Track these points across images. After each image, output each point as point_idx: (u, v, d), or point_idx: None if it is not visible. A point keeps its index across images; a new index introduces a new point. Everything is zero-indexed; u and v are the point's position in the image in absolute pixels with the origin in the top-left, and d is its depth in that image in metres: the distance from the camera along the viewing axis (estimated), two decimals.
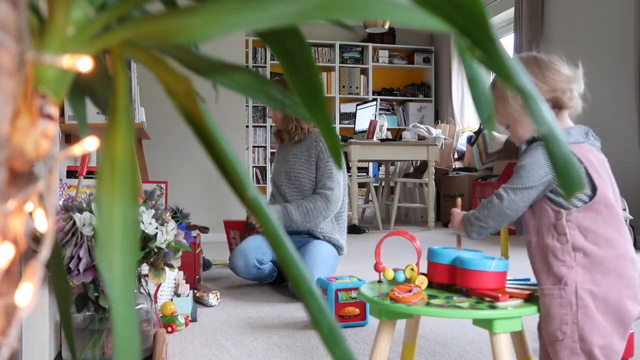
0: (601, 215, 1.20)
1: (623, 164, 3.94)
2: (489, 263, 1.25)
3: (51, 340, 1.41)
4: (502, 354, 1.18)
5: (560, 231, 1.21)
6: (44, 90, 0.36)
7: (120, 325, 0.36)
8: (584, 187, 0.40)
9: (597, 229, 1.20)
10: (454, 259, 1.31)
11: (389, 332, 1.32)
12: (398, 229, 1.97)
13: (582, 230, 1.20)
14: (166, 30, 0.38)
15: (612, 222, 1.21)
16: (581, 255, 1.20)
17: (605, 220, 1.20)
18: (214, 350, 1.82)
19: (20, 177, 0.35)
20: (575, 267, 1.20)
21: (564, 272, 1.20)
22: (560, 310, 1.20)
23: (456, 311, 1.17)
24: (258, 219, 0.42)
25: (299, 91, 0.43)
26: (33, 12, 0.40)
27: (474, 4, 0.37)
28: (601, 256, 1.19)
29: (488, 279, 1.24)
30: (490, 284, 1.25)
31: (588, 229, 1.20)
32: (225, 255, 3.84)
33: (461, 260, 1.28)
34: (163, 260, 1.54)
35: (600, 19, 4.87)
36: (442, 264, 1.33)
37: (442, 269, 1.33)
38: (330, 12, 0.35)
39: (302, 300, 0.41)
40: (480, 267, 1.25)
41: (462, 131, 6.85)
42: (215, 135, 0.42)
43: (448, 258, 1.32)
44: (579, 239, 1.20)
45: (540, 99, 0.41)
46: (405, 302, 1.21)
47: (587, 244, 1.19)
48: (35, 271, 0.33)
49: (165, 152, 4.43)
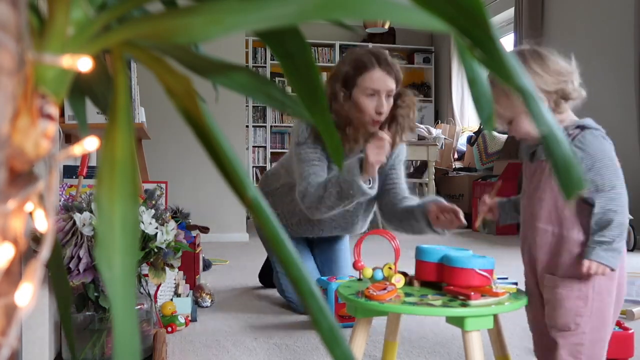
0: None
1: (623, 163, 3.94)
2: (475, 261, 1.28)
3: (51, 340, 1.41)
4: (474, 351, 1.20)
5: (587, 226, 1.23)
6: (44, 90, 0.36)
7: (120, 325, 0.36)
8: (584, 187, 0.40)
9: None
10: (442, 257, 1.33)
11: (364, 330, 1.36)
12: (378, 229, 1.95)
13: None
14: (166, 30, 0.38)
15: (624, 215, 1.23)
16: None
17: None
18: (214, 350, 1.82)
19: (20, 177, 0.35)
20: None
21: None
22: (577, 302, 1.23)
23: (428, 309, 1.20)
24: (258, 219, 0.42)
25: (299, 91, 0.43)
26: (33, 12, 0.40)
27: (474, 4, 0.37)
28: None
29: (474, 276, 1.27)
30: (476, 282, 1.28)
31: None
32: (225, 255, 3.85)
33: (448, 258, 1.31)
34: (163, 260, 1.54)
35: (600, 19, 4.87)
36: (430, 262, 1.36)
37: (430, 267, 1.36)
38: (330, 12, 0.35)
39: (302, 300, 0.41)
40: (467, 265, 1.27)
41: (462, 131, 6.85)
42: (215, 135, 0.42)
43: (436, 256, 1.35)
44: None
45: (540, 98, 0.41)
46: (379, 299, 1.24)
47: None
48: (35, 271, 0.33)
49: (165, 152, 4.43)
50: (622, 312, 2.15)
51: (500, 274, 1.58)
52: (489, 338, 1.40)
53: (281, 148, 7.86)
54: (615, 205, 1.20)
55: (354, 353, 0.41)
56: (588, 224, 1.22)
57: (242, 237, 4.64)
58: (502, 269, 3.18)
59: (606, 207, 1.20)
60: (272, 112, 7.78)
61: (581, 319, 1.23)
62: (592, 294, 1.22)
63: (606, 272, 1.19)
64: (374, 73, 1.97)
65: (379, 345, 1.79)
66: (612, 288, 1.23)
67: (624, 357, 1.68)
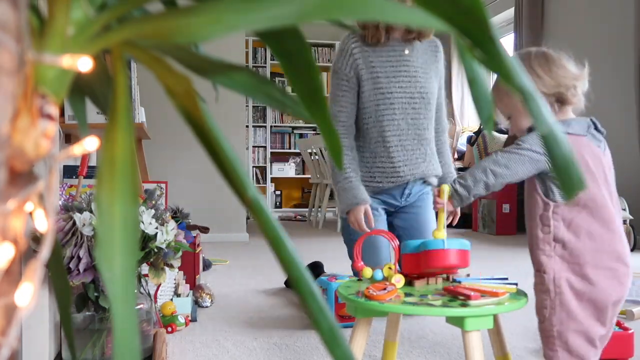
0: (587, 210, 1.26)
1: (623, 163, 3.94)
2: (445, 242, 1.32)
3: (51, 340, 1.41)
4: (474, 351, 1.21)
5: (545, 222, 1.28)
6: (44, 90, 0.36)
7: (120, 325, 0.36)
8: (585, 187, 0.40)
9: (580, 222, 1.26)
10: (418, 245, 1.37)
11: (364, 330, 1.37)
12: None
13: (566, 222, 1.27)
14: (166, 30, 0.38)
15: (599, 217, 1.26)
16: (560, 246, 1.27)
17: (591, 215, 1.26)
18: (214, 350, 1.82)
19: (20, 177, 0.35)
20: (553, 257, 1.27)
21: (544, 261, 1.28)
22: (541, 295, 1.29)
23: (428, 309, 1.20)
24: (258, 219, 0.42)
25: (299, 91, 0.43)
26: (33, 12, 0.40)
27: (474, 4, 0.37)
28: (579, 247, 1.26)
29: (447, 256, 1.32)
30: (451, 261, 1.32)
31: (571, 221, 1.27)
32: (225, 255, 3.85)
33: (425, 243, 1.35)
34: (163, 260, 1.54)
35: (600, 19, 4.87)
36: (411, 254, 1.39)
37: (412, 258, 1.39)
38: (330, 12, 0.35)
39: (302, 300, 0.41)
40: (437, 246, 1.32)
41: (462, 131, 6.85)
42: (215, 135, 0.42)
43: (413, 246, 1.39)
44: (562, 230, 1.27)
45: (540, 98, 0.41)
46: (378, 299, 1.25)
47: (567, 235, 1.26)
48: (35, 271, 0.33)
49: (165, 152, 4.43)
50: (622, 312, 2.15)
51: (501, 274, 1.58)
52: (489, 338, 1.40)
53: (281, 148, 7.86)
54: (495, 172, 1.30)
55: (354, 353, 0.41)
56: (547, 222, 1.28)
57: (242, 237, 4.64)
58: (502, 269, 3.19)
59: (489, 166, 1.30)
60: (272, 112, 7.78)
61: (547, 310, 1.28)
62: (553, 286, 1.26)
63: (449, 207, 1.37)
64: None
65: (379, 345, 1.79)
66: (573, 281, 1.26)
67: (624, 357, 1.68)
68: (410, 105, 2.15)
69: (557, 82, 1.29)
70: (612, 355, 1.60)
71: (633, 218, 3.89)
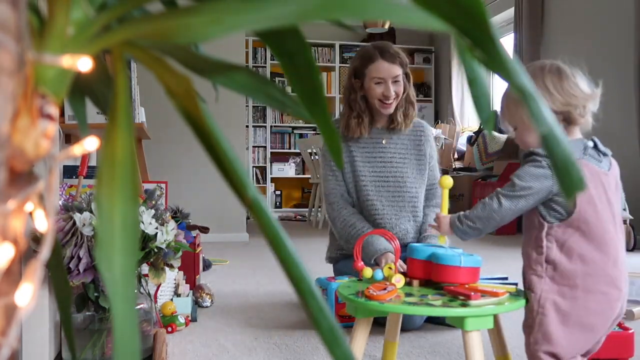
0: (580, 232, 1.24)
1: (623, 164, 3.93)
2: (461, 259, 1.30)
3: (51, 340, 1.41)
4: (474, 351, 1.21)
5: (538, 243, 1.27)
6: (44, 90, 0.36)
7: (120, 325, 0.36)
8: (585, 187, 0.40)
9: (573, 244, 1.24)
10: (430, 254, 1.36)
11: (364, 329, 1.37)
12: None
13: (559, 244, 1.25)
14: (166, 30, 0.38)
15: (593, 240, 1.24)
16: (551, 267, 1.25)
17: (585, 237, 1.24)
18: (214, 350, 1.82)
19: (20, 177, 0.35)
20: (544, 277, 1.26)
21: (534, 281, 1.27)
22: (526, 312, 1.29)
23: (429, 309, 1.20)
24: (258, 219, 0.42)
25: (299, 91, 0.43)
26: (33, 12, 0.40)
27: (474, 4, 0.37)
28: (570, 270, 1.24)
29: (460, 273, 1.30)
30: (463, 279, 1.31)
31: (564, 243, 1.25)
32: (225, 255, 3.85)
33: (436, 255, 1.33)
34: (163, 260, 1.54)
35: (600, 19, 4.87)
36: (419, 260, 1.38)
37: (419, 264, 1.38)
38: (330, 12, 0.35)
39: (302, 300, 0.41)
40: (453, 262, 1.30)
41: (462, 131, 6.85)
42: (215, 135, 0.42)
43: (424, 254, 1.37)
44: (554, 252, 1.25)
45: (540, 98, 0.41)
46: (379, 299, 1.25)
47: (559, 257, 1.25)
48: (35, 271, 0.33)
49: (165, 152, 4.43)
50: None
51: (501, 274, 1.58)
52: (489, 338, 1.40)
53: (281, 148, 7.86)
54: (499, 221, 1.30)
55: (354, 353, 0.41)
56: (540, 242, 1.26)
57: (242, 237, 4.64)
58: (502, 269, 3.19)
59: (495, 216, 1.30)
60: (272, 112, 7.78)
61: (528, 329, 1.27)
62: (537, 306, 1.26)
63: (440, 231, 1.38)
64: (378, 64, 2.24)
65: (379, 345, 1.78)
66: (560, 303, 1.24)
67: (624, 357, 1.68)
68: (384, 188, 2.25)
69: (567, 101, 1.25)
70: (612, 355, 1.60)
71: (633, 218, 3.89)
